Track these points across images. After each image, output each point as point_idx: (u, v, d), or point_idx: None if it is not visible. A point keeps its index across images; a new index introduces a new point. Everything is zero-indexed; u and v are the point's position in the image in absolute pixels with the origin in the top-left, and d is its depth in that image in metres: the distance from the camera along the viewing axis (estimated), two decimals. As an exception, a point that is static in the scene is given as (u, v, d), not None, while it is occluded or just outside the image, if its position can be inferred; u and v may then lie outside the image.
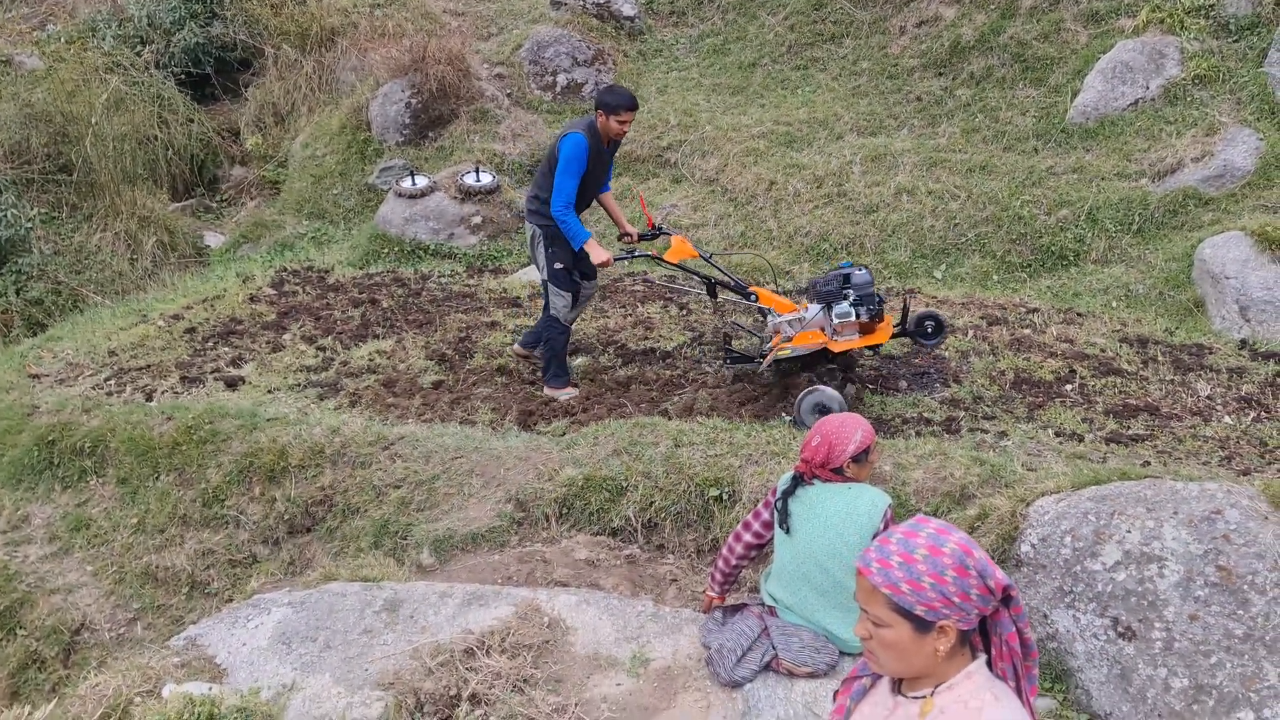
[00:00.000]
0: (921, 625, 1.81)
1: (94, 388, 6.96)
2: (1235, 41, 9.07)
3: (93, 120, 11.23)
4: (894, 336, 5.61)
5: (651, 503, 4.88)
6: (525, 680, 3.58)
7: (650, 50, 12.78)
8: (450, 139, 11.09)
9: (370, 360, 7.13)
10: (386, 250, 9.84)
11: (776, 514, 3.57)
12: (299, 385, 6.75)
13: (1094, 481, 4.18)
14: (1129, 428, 5.33)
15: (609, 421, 5.52)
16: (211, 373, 6.98)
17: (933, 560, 1.80)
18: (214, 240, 11.71)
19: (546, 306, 6.30)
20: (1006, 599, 1.87)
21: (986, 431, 5.37)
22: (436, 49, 11.12)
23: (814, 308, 5.58)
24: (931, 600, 1.79)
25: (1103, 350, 6.50)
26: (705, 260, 6.07)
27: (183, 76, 13.12)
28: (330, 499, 5.50)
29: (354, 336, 7.65)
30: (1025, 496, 4.19)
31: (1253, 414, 5.31)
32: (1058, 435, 5.27)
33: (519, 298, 8.40)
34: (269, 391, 6.64)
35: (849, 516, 3.42)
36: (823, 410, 5.29)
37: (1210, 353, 6.33)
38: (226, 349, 7.47)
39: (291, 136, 12.39)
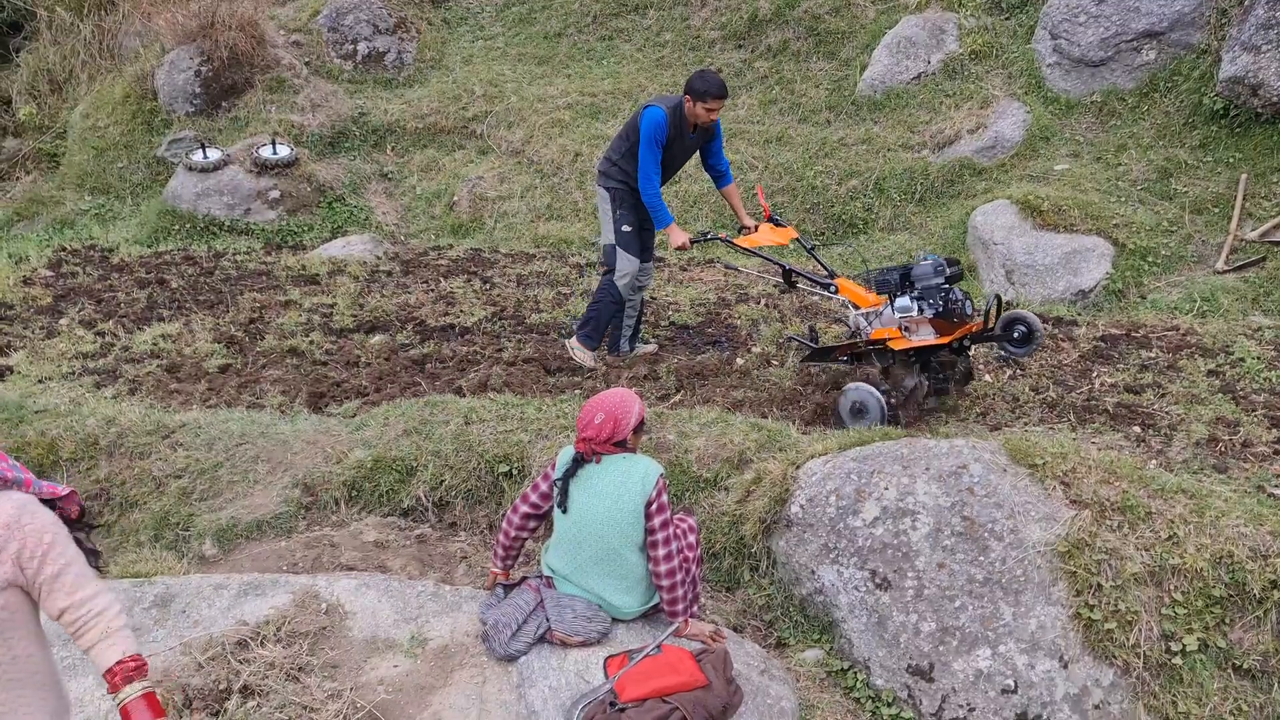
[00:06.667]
0: None
1: None
2: (1007, 19, 9.64)
3: None
4: (978, 340, 5.14)
5: (442, 481, 4.87)
6: (300, 668, 3.53)
7: (455, 18, 12.55)
8: (245, 109, 10.62)
9: (154, 345, 6.79)
10: (177, 227, 9.38)
11: (556, 494, 3.63)
12: (74, 373, 6.37)
13: (859, 443, 4.42)
14: (900, 389, 5.63)
15: (400, 401, 5.46)
16: (-25, 363, 6.52)
17: None
18: (-17, 219, 10.85)
19: (608, 271, 5.95)
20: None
21: (771, 397, 5.58)
22: (227, 14, 10.60)
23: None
24: None
25: (884, 315, 6.83)
26: (808, 252, 5.85)
27: (-58, 40, 12.10)
28: (106, 493, 5.23)
29: (138, 320, 7.27)
30: (796, 460, 4.39)
31: (1009, 372, 5.71)
32: (836, 398, 5.51)
33: (318, 275, 8.16)
34: (40, 381, 6.24)
35: (624, 484, 3.51)
36: (858, 411, 5.00)
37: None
38: (-7, 336, 6.98)
39: (70, 106, 11.60)
